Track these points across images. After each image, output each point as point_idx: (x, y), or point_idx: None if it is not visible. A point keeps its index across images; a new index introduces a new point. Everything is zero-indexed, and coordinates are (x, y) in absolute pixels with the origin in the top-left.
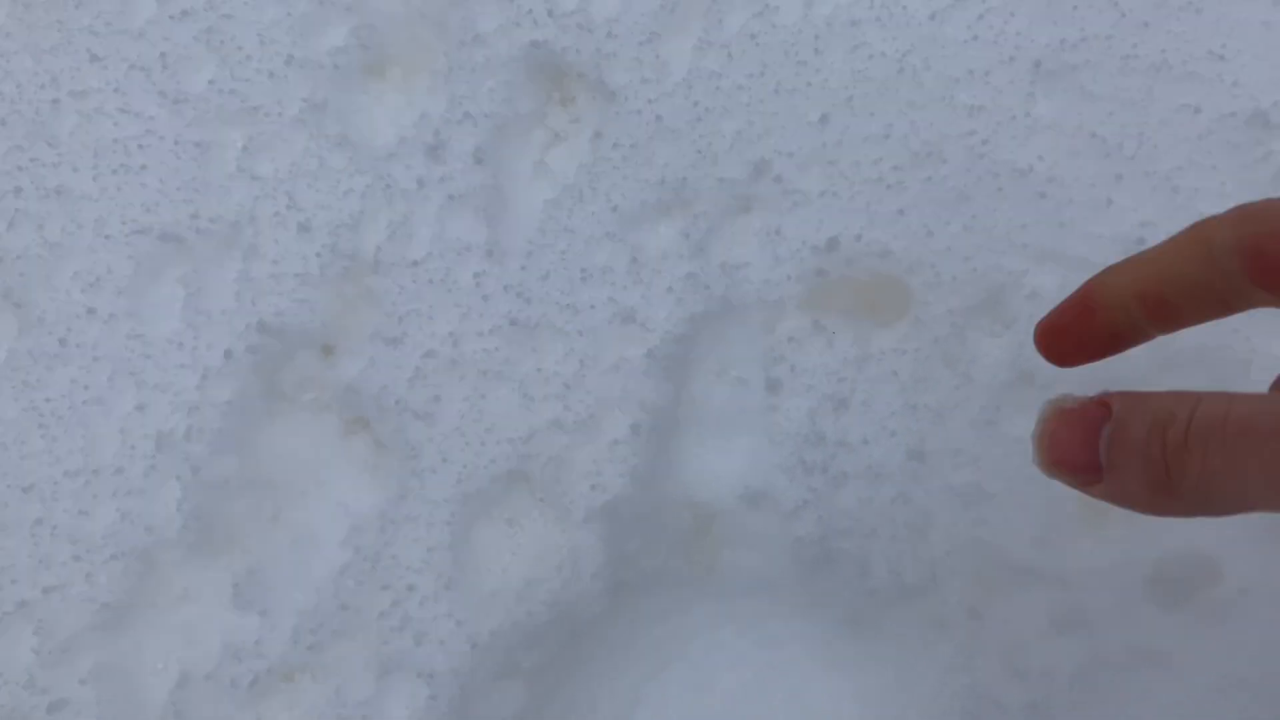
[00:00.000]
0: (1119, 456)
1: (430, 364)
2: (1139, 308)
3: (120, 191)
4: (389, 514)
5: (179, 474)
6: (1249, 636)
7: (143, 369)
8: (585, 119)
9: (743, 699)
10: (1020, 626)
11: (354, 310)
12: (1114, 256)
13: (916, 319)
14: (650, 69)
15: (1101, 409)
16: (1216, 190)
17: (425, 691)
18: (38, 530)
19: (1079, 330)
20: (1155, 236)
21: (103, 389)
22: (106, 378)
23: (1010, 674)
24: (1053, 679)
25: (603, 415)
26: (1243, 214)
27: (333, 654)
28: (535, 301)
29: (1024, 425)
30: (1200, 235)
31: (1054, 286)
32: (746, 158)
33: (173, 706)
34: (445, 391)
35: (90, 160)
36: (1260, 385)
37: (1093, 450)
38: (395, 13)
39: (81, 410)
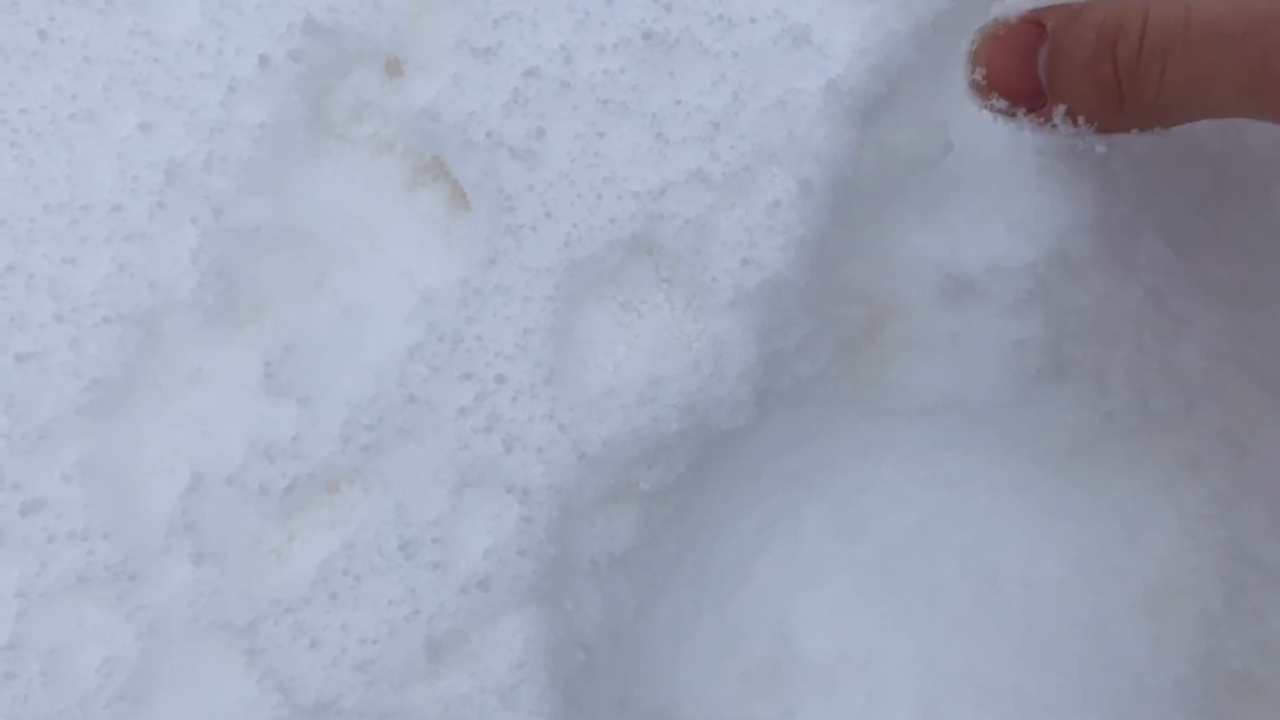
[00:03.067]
0: (1062, 77)
1: (533, 86)
2: None
3: None
4: (473, 282)
5: (195, 216)
6: None
7: (149, 76)
8: None
9: (899, 553)
10: None
11: (432, 8)
12: None
13: None
14: None
15: (1036, 28)
16: None
17: (516, 511)
18: (8, 280)
19: None
20: None
21: (96, 100)
22: (101, 86)
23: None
24: None
25: (761, 167)
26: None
27: (394, 459)
28: (677, 9)
29: None
30: None
31: None
32: None
33: (182, 515)
34: (552, 125)
35: None
36: None
37: (1031, 75)
38: None
39: (67, 127)
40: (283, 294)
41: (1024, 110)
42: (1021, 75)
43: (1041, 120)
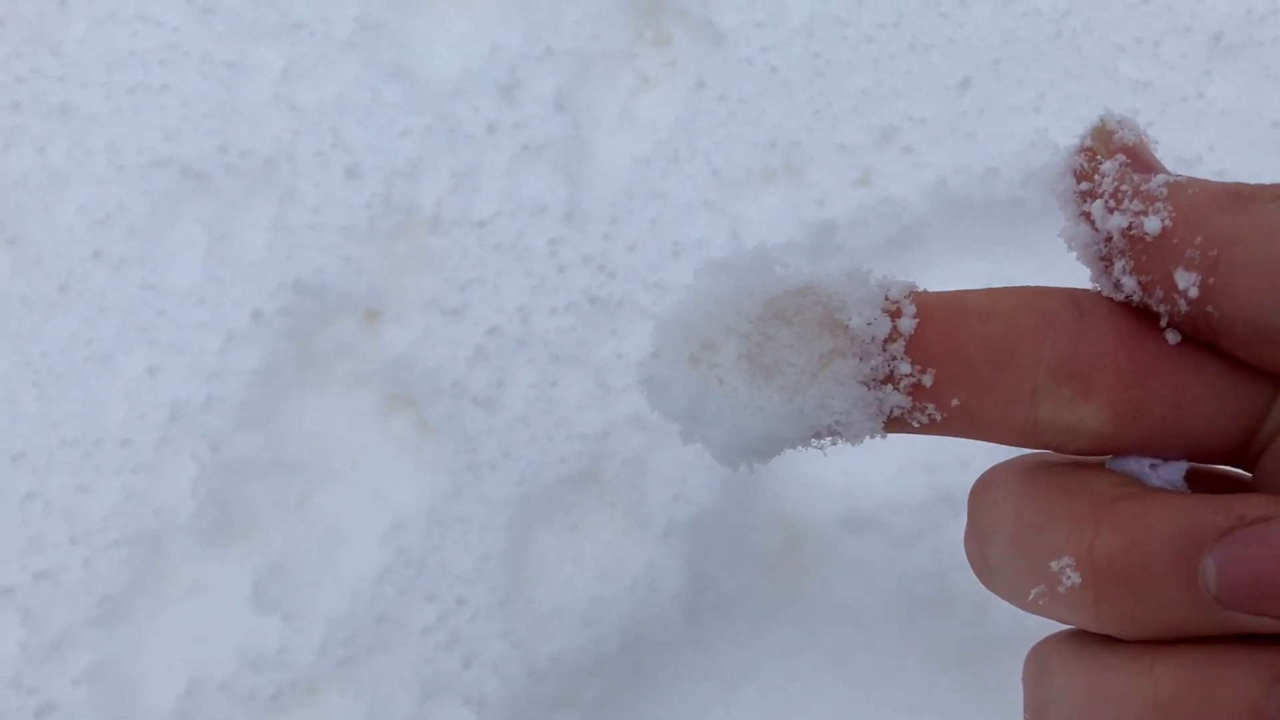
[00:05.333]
0: None
1: (494, 342)
2: None
3: (136, 114)
4: (437, 512)
5: (195, 450)
6: None
7: (156, 326)
8: (684, 64)
9: None
10: None
11: (407, 273)
12: None
13: None
14: (765, 10)
15: None
16: None
17: (473, 719)
18: (29, 506)
19: None
20: None
21: (109, 346)
22: (113, 333)
23: None
24: None
25: None
26: None
27: (367, 670)
28: (619, 276)
29: None
30: None
31: None
32: (871, 122)
33: (179, 717)
34: (510, 375)
35: (102, 75)
36: None
37: None
38: None
39: (83, 369)
40: (271, 518)
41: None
42: None
43: None
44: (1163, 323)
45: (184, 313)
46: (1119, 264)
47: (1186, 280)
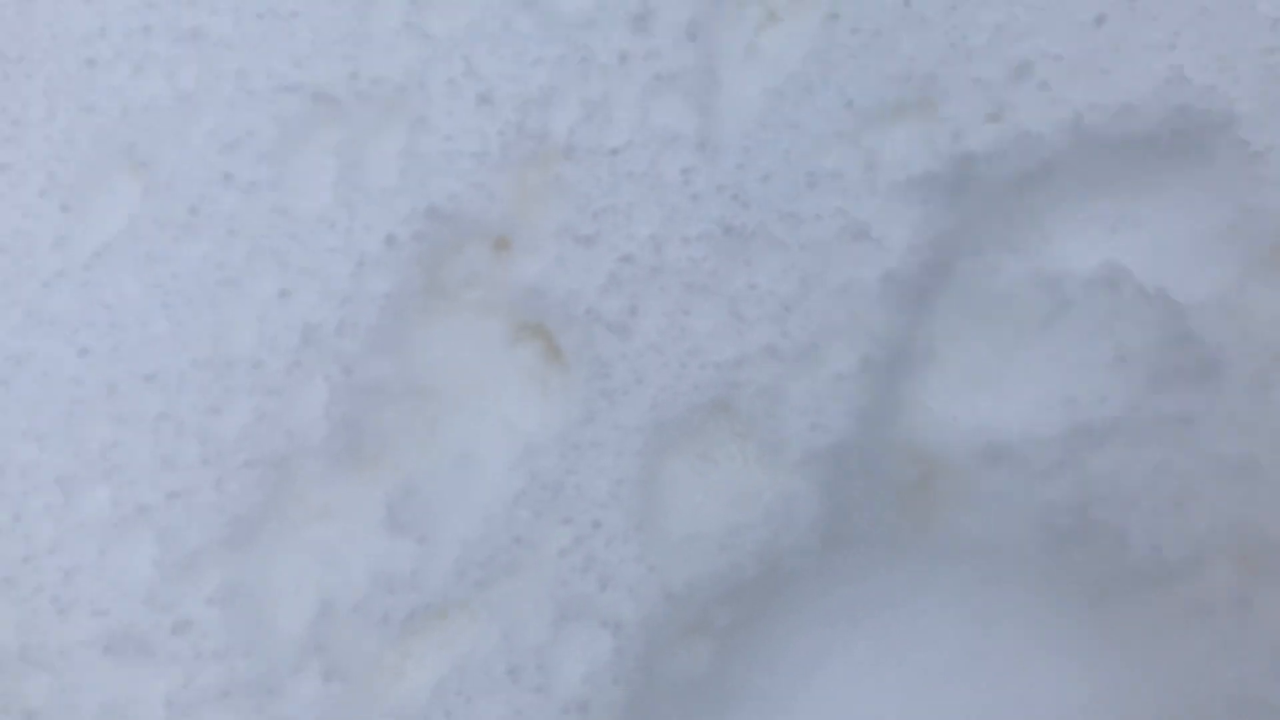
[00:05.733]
0: None
1: (627, 270)
2: None
3: (266, 40)
4: (571, 437)
5: (327, 373)
6: None
7: (287, 249)
8: None
9: (938, 679)
10: None
11: (539, 201)
12: None
13: None
14: None
15: None
16: None
17: (609, 643)
18: (161, 426)
19: None
20: None
21: (239, 269)
22: (244, 256)
23: None
24: None
25: (826, 344)
26: None
27: (501, 592)
28: (753, 206)
29: None
30: None
31: None
32: (1006, 56)
33: (312, 638)
34: (643, 303)
35: (231, 0)
36: None
37: None
38: None
39: (214, 292)
40: (403, 442)
41: None
42: None
43: None
44: None
45: (315, 237)
46: None
47: None
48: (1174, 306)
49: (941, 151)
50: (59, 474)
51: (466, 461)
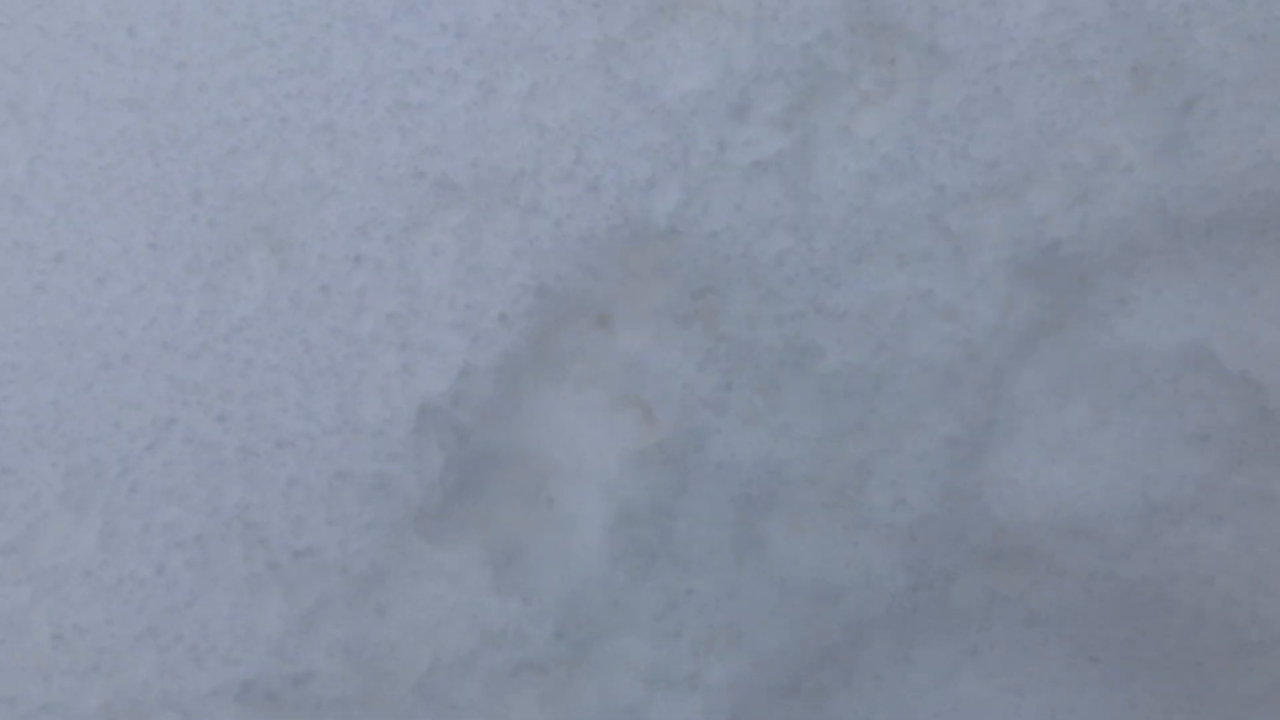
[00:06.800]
0: None
1: (722, 347)
2: None
3: (394, 130)
4: (666, 506)
5: (443, 441)
6: None
7: (409, 325)
8: (906, 83)
9: None
10: None
11: (640, 280)
12: None
13: None
14: (990, 32)
15: None
16: None
17: (699, 704)
18: (291, 491)
19: None
20: None
21: (366, 343)
22: (370, 331)
23: None
24: None
25: (913, 421)
26: None
27: (599, 652)
28: (844, 287)
29: None
30: None
31: None
32: (1093, 141)
33: (421, 689)
34: (737, 379)
35: (362, 94)
36: None
37: None
38: None
39: (342, 365)
40: (509, 505)
41: None
42: None
43: None
44: None
45: (435, 314)
46: None
47: None
48: (1255, 386)
49: (1028, 234)
50: (199, 532)
51: (568, 526)
